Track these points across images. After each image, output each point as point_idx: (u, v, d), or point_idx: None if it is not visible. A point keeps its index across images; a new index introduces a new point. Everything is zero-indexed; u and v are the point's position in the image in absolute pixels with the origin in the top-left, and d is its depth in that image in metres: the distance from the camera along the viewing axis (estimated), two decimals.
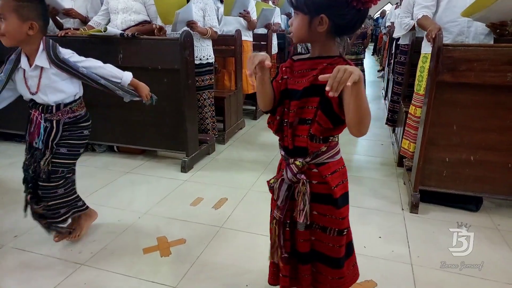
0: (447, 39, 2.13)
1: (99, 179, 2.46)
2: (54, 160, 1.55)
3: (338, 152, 1.06)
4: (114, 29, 2.54)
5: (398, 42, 3.36)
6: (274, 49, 4.37)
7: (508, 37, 2.25)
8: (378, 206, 2.15)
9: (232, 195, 2.24)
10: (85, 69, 1.52)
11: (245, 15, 3.37)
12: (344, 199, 1.06)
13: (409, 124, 2.46)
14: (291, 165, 1.02)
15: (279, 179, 1.06)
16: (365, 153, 3.12)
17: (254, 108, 4.21)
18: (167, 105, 2.57)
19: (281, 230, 1.09)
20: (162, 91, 2.54)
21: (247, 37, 3.60)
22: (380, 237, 1.83)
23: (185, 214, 2.01)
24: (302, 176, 1.01)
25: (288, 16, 4.99)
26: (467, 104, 1.92)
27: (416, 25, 2.33)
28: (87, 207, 1.77)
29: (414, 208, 2.07)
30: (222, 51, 3.38)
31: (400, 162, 2.73)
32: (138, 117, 2.68)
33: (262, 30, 4.13)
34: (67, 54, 1.52)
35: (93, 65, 1.56)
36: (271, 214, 1.15)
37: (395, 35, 3.12)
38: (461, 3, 2.04)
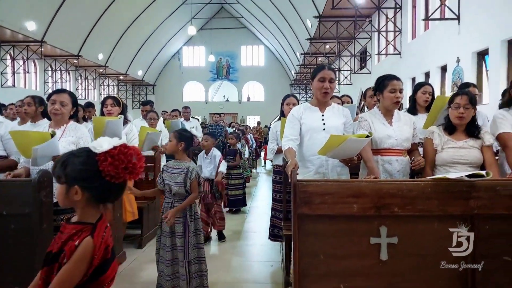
0: (311, 170, 2.41)
1: None
2: None
3: None
4: None
5: (272, 163, 3.66)
6: None
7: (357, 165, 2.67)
8: None
9: None
10: None
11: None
12: None
13: None
14: None
15: None
16: (254, 279, 2.98)
17: (139, 232, 3.86)
18: (15, 253, 2.15)
19: None
20: (8, 239, 2.18)
21: None
22: None
23: None
24: None
25: None
26: (326, 233, 2.03)
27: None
28: None
29: None
30: None
31: (287, 286, 2.67)
32: None
33: (149, 152, 4.12)
34: None
35: None
36: None
37: (267, 157, 3.41)
38: (318, 141, 2.36)
